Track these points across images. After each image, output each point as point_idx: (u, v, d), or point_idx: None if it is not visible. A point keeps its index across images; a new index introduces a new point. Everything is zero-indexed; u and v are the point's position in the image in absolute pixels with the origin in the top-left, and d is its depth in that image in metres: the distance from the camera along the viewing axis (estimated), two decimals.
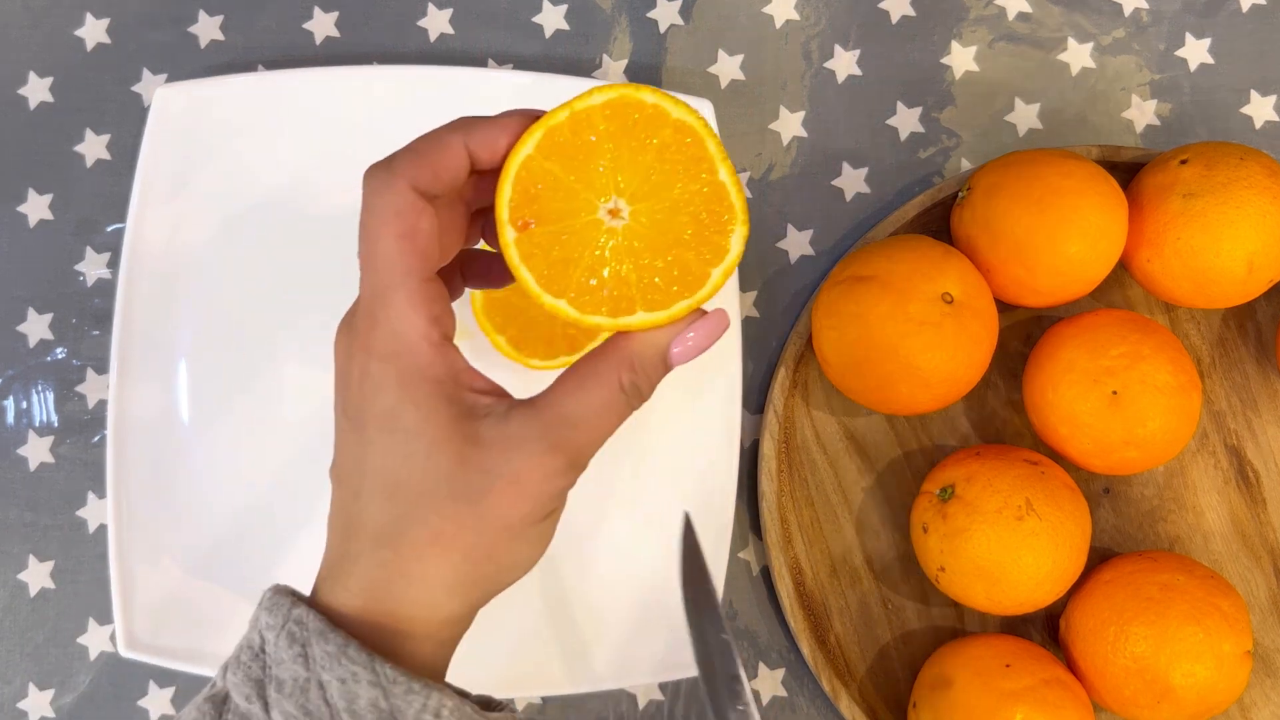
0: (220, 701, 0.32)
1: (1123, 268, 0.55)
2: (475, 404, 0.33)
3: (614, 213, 0.34)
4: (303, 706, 0.31)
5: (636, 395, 0.34)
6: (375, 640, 0.32)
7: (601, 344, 0.35)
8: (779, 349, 0.57)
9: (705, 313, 0.34)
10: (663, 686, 0.56)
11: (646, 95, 0.34)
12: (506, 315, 0.52)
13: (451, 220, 0.35)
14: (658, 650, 0.54)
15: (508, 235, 0.33)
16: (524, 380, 0.53)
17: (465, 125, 0.33)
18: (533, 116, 0.34)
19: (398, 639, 0.33)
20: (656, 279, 0.34)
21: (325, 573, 0.34)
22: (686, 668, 0.53)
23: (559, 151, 0.34)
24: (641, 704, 0.55)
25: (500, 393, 0.34)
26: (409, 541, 0.32)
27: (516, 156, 0.34)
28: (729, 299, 0.55)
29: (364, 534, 0.33)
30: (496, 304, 0.52)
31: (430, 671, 0.34)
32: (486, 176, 0.34)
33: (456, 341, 0.35)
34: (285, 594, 0.33)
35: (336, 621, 0.32)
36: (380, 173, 0.32)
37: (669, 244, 0.34)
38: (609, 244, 0.34)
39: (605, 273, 0.34)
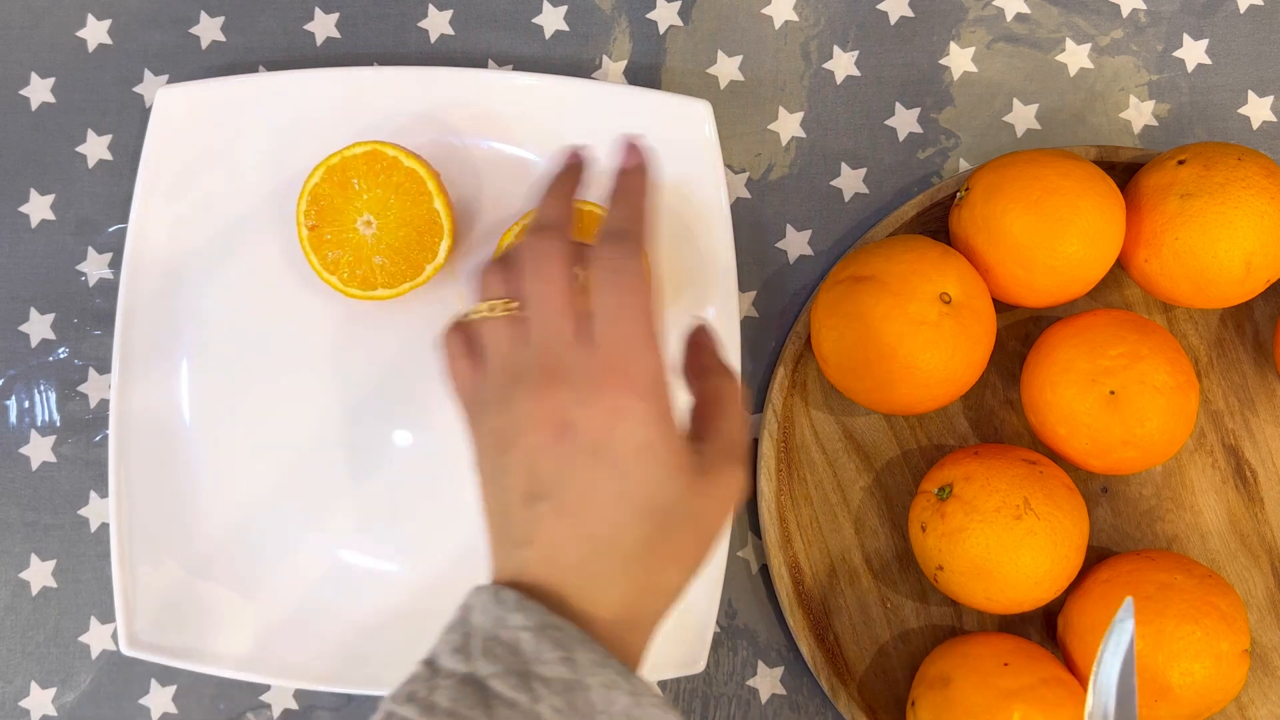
0: (478, 684, 0.34)
1: (1120, 268, 0.55)
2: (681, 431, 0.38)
3: (367, 224, 0.52)
4: (569, 703, 0.34)
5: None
6: (618, 647, 0.37)
7: (711, 382, 0.42)
8: (778, 349, 0.58)
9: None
10: (662, 685, 0.56)
11: (388, 150, 0.52)
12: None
13: None
14: (657, 649, 0.54)
15: (302, 231, 0.52)
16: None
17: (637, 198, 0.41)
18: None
19: (632, 644, 0.38)
20: (392, 269, 0.53)
21: (568, 588, 0.37)
22: (685, 667, 0.54)
23: (334, 181, 0.52)
24: None
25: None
26: (657, 557, 0.37)
27: (309, 182, 0.52)
28: (729, 298, 0.55)
29: (615, 553, 0.37)
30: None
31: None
32: None
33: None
34: (527, 598, 0.36)
35: (588, 630, 0.36)
36: (618, 243, 0.39)
37: (400, 247, 0.52)
38: (364, 244, 0.52)
39: (362, 264, 0.52)
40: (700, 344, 0.44)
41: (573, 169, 0.44)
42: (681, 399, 0.40)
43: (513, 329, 0.39)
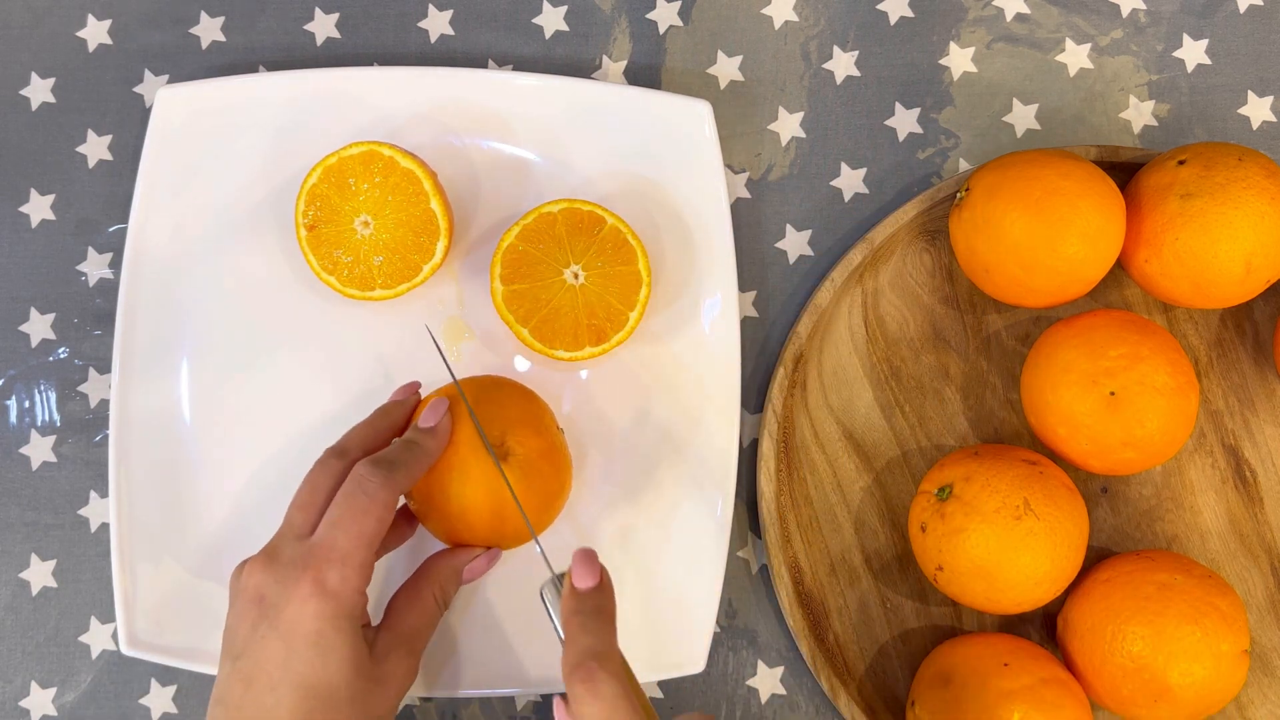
0: None
1: (1121, 268, 0.55)
2: (364, 631, 0.45)
3: (365, 224, 0.52)
4: None
5: (445, 605, 0.48)
6: None
7: (418, 571, 0.49)
8: (778, 349, 0.58)
9: (487, 550, 0.50)
10: (662, 685, 0.56)
11: (385, 150, 0.52)
12: (529, 308, 0.53)
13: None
14: (658, 649, 0.54)
15: (301, 232, 0.53)
16: (548, 370, 0.54)
17: (424, 456, 0.47)
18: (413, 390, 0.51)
19: None
20: (389, 269, 0.53)
21: None
22: (686, 666, 0.54)
23: (331, 181, 0.52)
24: None
25: (369, 620, 0.46)
26: None
27: (308, 183, 0.52)
28: (729, 296, 0.55)
29: None
30: (519, 296, 0.53)
31: None
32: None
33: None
34: None
35: None
36: (381, 474, 0.45)
37: (397, 247, 0.52)
38: (362, 245, 0.52)
39: (360, 264, 0.53)
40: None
41: (397, 407, 0.50)
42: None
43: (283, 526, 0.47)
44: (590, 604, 0.44)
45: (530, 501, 0.48)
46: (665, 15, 0.60)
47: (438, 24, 0.60)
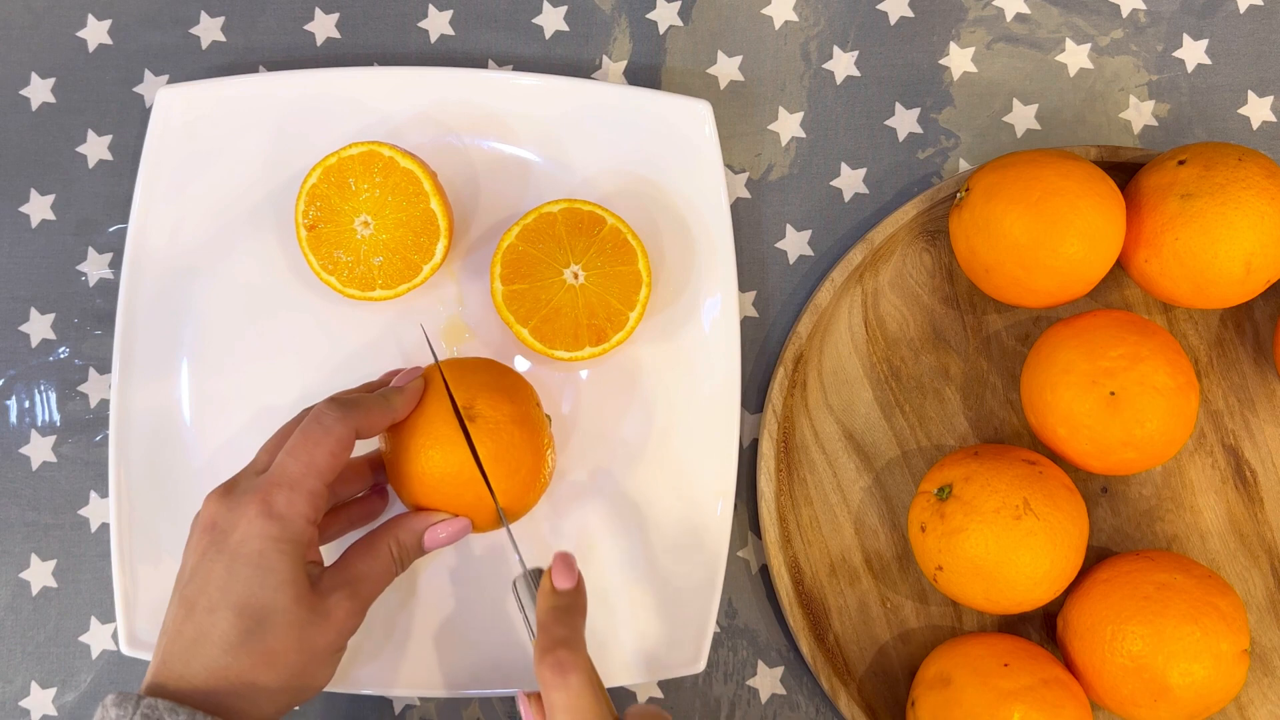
0: None
1: (1121, 268, 0.55)
2: (310, 564, 0.45)
3: (365, 224, 0.52)
4: None
5: (402, 563, 0.48)
6: None
7: (380, 525, 0.48)
8: (778, 349, 0.58)
9: (453, 516, 0.49)
10: (662, 685, 0.56)
11: (384, 150, 0.52)
12: (530, 308, 0.53)
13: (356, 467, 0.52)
14: (657, 649, 0.54)
15: (301, 232, 0.53)
16: (548, 370, 0.54)
17: (387, 407, 0.47)
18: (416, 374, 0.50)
19: None
20: (389, 269, 0.53)
21: (165, 672, 0.42)
22: (686, 666, 0.54)
23: (331, 181, 0.52)
24: (641, 701, 0.56)
25: (320, 559, 0.48)
26: (249, 653, 0.42)
27: (307, 183, 0.52)
28: (729, 296, 0.55)
29: (210, 643, 0.42)
30: (519, 296, 0.53)
31: None
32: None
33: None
34: (128, 695, 0.41)
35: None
36: (339, 409, 0.46)
37: (397, 247, 0.53)
38: (361, 244, 0.52)
39: (360, 264, 0.53)
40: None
41: (382, 383, 0.51)
42: None
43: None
44: (566, 601, 0.45)
45: (498, 467, 0.48)
46: (665, 15, 0.60)
47: (438, 24, 0.60)
